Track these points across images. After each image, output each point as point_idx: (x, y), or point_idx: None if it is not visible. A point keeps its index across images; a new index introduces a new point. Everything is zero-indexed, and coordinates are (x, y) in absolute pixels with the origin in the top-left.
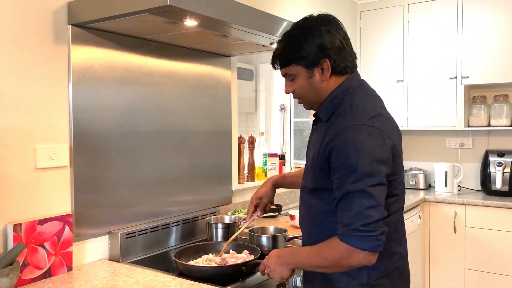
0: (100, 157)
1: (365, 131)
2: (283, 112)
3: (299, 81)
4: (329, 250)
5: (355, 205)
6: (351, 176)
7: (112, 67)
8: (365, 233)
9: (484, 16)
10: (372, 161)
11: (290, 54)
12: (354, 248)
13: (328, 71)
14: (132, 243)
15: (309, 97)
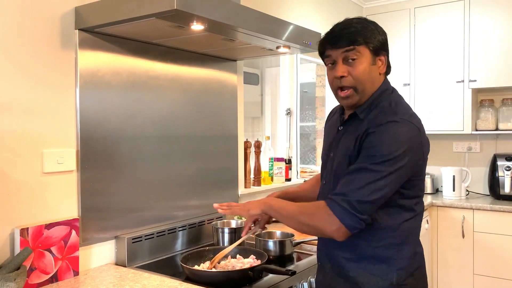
0: (107, 161)
1: (405, 125)
2: (289, 116)
3: (362, 64)
4: (314, 208)
5: (364, 181)
6: (376, 158)
7: (119, 71)
8: (353, 211)
9: (491, 19)
10: (403, 151)
11: (364, 34)
12: (336, 218)
13: (384, 66)
14: (139, 248)
15: (364, 85)
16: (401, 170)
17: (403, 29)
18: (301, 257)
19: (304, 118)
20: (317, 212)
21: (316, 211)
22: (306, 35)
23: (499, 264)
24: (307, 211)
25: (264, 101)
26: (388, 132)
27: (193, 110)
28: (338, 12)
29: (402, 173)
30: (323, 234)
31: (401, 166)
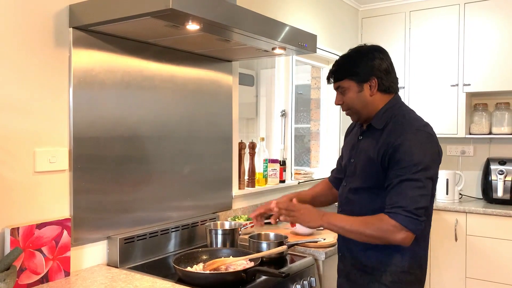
0: (100, 161)
1: (424, 135)
2: (284, 117)
3: (349, 94)
4: (377, 221)
5: (411, 191)
6: (412, 168)
7: (113, 70)
8: (414, 216)
9: (486, 23)
10: (429, 159)
11: (345, 70)
12: (402, 226)
13: (375, 88)
14: (131, 249)
15: (356, 109)
16: (434, 174)
17: (399, 33)
18: (294, 259)
19: (298, 120)
20: (383, 225)
21: (381, 224)
22: (302, 36)
23: (491, 267)
24: (371, 225)
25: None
26: (414, 142)
27: (188, 111)
28: (334, 15)
29: (434, 177)
30: (389, 242)
31: (433, 171)
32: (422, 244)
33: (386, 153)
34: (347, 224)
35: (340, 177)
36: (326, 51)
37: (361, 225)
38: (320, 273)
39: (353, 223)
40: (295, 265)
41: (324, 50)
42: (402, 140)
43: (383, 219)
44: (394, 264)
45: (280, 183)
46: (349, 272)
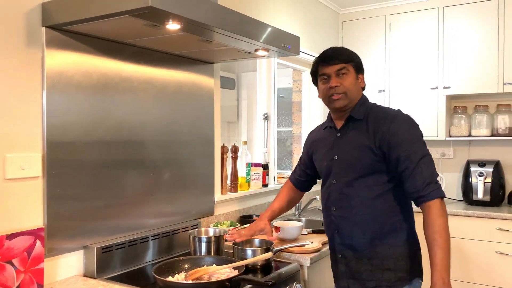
0: (76, 167)
1: (407, 117)
2: (266, 121)
3: (349, 78)
4: (442, 219)
5: (430, 165)
6: (418, 145)
7: (90, 72)
8: (439, 185)
9: (465, 27)
10: (421, 135)
11: (351, 56)
12: (442, 197)
13: (363, 82)
14: (109, 258)
15: (354, 94)
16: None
17: (379, 36)
18: (279, 265)
19: (280, 123)
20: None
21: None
22: (285, 38)
23: (472, 269)
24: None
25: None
26: (407, 123)
27: (168, 114)
28: (315, 18)
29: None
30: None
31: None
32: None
33: (383, 139)
34: (442, 251)
35: (302, 180)
36: (308, 54)
37: (447, 236)
38: (306, 279)
39: (446, 243)
40: (280, 272)
41: (305, 53)
42: (396, 125)
43: (437, 212)
44: (399, 245)
45: (263, 187)
46: (355, 271)
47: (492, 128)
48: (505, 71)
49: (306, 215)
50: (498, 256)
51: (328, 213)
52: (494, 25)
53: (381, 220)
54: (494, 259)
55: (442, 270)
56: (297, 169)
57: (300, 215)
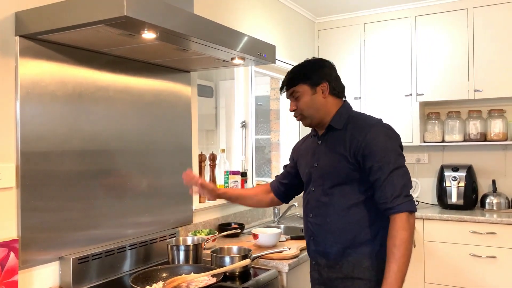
0: (51, 177)
1: (386, 127)
2: (244, 128)
3: (304, 98)
4: (404, 232)
5: (403, 178)
6: (392, 156)
7: (65, 81)
8: (411, 198)
9: (436, 36)
10: (399, 145)
11: (299, 75)
12: (410, 211)
13: (327, 91)
14: (85, 269)
15: (310, 112)
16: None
17: (354, 44)
18: (258, 272)
19: (259, 131)
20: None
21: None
22: (261, 47)
23: (448, 272)
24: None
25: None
26: (383, 134)
27: (144, 123)
28: (291, 26)
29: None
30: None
31: (403, 157)
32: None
33: (358, 148)
34: (396, 265)
35: (284, 182)
36: (285, 63)
37: (407, 250)
38: (284, 285)
39: (404, 257)
40: (258, 279)
41: (282, 61)
42: (372, 135)
43: (400, 225)
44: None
45: None
46: (327, 278)
47: (464, 133)
48: (476, 78)
49: (285, 222)
50: (471, 258)
51: (306, 220)
52: (464, 33)
53: (355, 230)
54: (468, 262)
55: (392, 283)
56: (281, 173)
57: (279, 221)
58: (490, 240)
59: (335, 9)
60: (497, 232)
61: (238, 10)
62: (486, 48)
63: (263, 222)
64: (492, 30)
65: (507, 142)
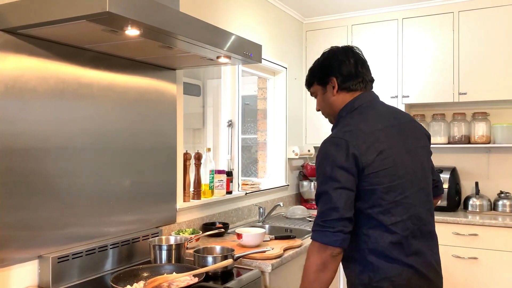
0: (31, 174)
1: (334, 142)
2: (230, 128)
3: (318, 97)
4: (306, 261)
5: (322, 204)
6: (319, 179)
7: (46, 77)
8: (325, 229)
9: (422, 38)
10: (334, 167)
11: (311, 76)
12: (320, 243)
13: (336, 87)
14: (65, 268)
15: (326, 110)
16: (342, 183)
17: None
18: (240, 272)
19: (246, 130)
20: (308, 261)
21: (307, 261)
22: (247, 46)
23: None
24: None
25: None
26: (320, 152)
27: (129, 120)
28: (279, 27)
29: (344, 185)
30: (326, 267)
31: (339, 179)
32: (384, 255)
33: None
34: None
35: None
36: (272, 62)
37: (304, 279)
38: (267, 285)
39: (301, 285)
40: (241, 279)
41: (270, 61)
42: (319, 150)
43: (308, 253)
44: (356, 278)
45: (227, 195)
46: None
47: (448, 136)
48: (460, 81)
49: (270, 222)
50: (454, 259)
51: None
52: (450, 37)
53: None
54: (450, 263)
55: None
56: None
57: (264, 221)
58: (472, 241)
59: (323, 10)
60: (479, 234)
61: (226, 10)
62: (471, 52)
63: (248, 221)
64: (477, 34)
65: (490, 145)
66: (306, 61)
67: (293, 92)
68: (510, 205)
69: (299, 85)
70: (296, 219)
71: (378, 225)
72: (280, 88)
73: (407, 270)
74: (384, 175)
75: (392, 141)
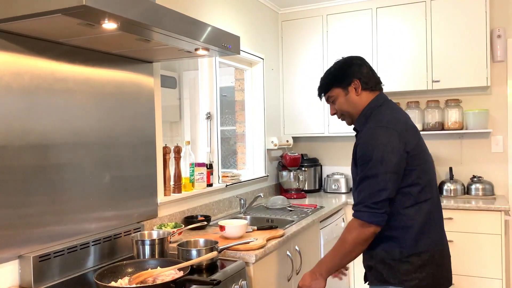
0: (7, 172)
1: (381, 130)
2: (209, 120)
3: (339, 100)
4: (347, 233)
5: (370, 186)
6: (369, 163)
7: (20, 73)
8: (374, 210)
9: (396, 27)
10: (384, 153)
11: (329, 81)
12: (365, 222)
13: (359, 87)
14: (47, 267)
15: (349, 111)
16: (391, 167)
17: (316, 35)
18: (225, 264)
19: (223, 122)
20: (353, 232)
21: (353, 232)
22: (225, 37)
23: None
24: (347, 240)
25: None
26: (367, 140)
27: (106, 115)
28: (255, 17)
29: (393, 169)
30: (366, 241)
31: (388, 164)
32: (410, 231)
33: (354, 153)
34: (336, 256)
35: None
36: (249, 53)
37: (341, 249)
38: (251, 276)
39: (336, 254)
40: (225, 270)
41: (246, 52)
42: (361, 138)
43: (350, 227)
44: (385, 253)
45: (207, 187)
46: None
47: (423, 122)
48: (434, 69)
49: (251, 213)
50: None
51: None
52: (423, 26)
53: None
54: None
55: (321, 263)
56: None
57: (245, 213)
58: (447, 225)
59: (298, 0)
60: (453, 218)
61: (201, 1)
62: (443, 40)
63: (230, 213)
64: (448, 22)
65: (463, 131)
66: (282, 52)
67: (271, 82)
68: (482, 189)
69: (276, 75)
70: (277, 209)
71: (413, 203)
72: (257, 79)
73: (434, 245)
74: (420, 158)
75: (415, 128)
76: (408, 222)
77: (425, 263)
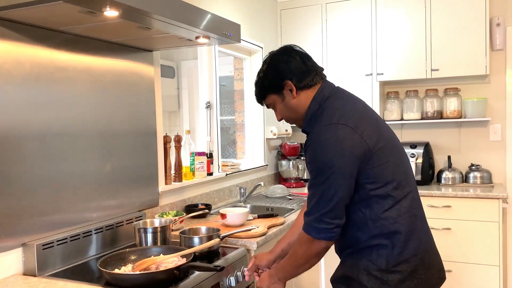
0: (9, 161)
1: (330, 129)
2: (209, 109)
3: (278, 107)
4: (298, 246)
5: (319, 196)
6: (317, 169)
7: (21, 61)
8: (322, 224)
9: (395, 16)
10: (334, 155)
11: (262, 88)
12: (313, 238)
13: (294, 89)
14: (50, 254)
15: (291, 116)
16: (341, 171)
17: (316, 24)
18: (226, 251)
19: (223, 111)
20: (300, 248)
21: (299, 248)
22: (225, 25)
23: None
24: (298, 255)
25: (181, 95)
26: (314, 144)
27: (106, 104)
28: (253, 6)
29: (345, 172)
30: (319, 255)
31: (338, 168)
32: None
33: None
34: (289, 266)
35: None
36: (248, 42)
37: (294, 262)
38: None
39: (290, 262)
40: (228, 257)
41: (246, 41)
42: (309, 141)
43: (300, 241)
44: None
45: (208, 176)
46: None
47: (422, 111)
48: (432, 58)
49: (251, 201)
50: None
51: None
52: (422, 14)
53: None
54: None
55: (277, 269)
56: None
57: (245, 201)
58: (445, 213)
59: None
60: (452, 205)
61: None
62: (442, 29)
63: (230, 202)
64: (447, 11)
65: (461, 120)
66: (281, 40)
67: None
68: (480, 177)
69: None
70: (277, 197)
71: (393, 203)
72: (256, 68)
73: (423, 246)
74: (388, 149)
75: (376, 117)
76: (390, 227)
77: (415, 269)
